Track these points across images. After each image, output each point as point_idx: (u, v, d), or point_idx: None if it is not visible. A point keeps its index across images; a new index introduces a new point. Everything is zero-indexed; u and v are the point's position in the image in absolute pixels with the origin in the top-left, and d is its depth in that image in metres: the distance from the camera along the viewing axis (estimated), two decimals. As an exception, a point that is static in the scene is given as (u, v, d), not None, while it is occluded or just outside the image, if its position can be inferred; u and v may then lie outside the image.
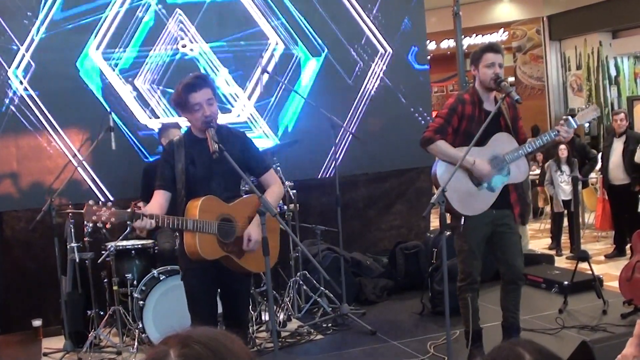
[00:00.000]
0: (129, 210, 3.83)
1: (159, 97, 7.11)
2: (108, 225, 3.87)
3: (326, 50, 7.75)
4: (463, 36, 8.50)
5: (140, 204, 5.35)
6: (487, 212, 4.92)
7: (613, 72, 14.19)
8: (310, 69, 7.72)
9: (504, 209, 5.02)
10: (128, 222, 5.82)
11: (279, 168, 6.25)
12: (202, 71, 7.05)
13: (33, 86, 6.77)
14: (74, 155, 6.77)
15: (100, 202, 3.79)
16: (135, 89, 7.05)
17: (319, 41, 7.73)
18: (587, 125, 13.19)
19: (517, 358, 1.64)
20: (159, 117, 7.08)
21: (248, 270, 4.28)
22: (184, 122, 5.92)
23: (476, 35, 15.77)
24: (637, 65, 14.22)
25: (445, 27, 11.45)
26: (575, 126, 4.96)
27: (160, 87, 7.10)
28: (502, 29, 15.94)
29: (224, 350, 1.42)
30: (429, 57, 8.58)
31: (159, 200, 4.14)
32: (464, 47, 8.72)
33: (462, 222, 4.88)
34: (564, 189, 9.29)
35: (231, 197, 4.21)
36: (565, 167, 9.28)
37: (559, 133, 4.87)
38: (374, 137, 7.84)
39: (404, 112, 8.06)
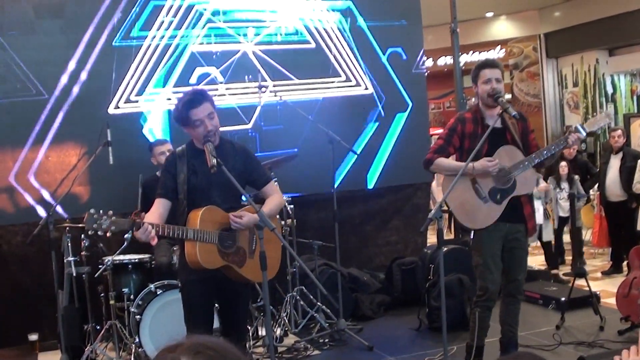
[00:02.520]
0: (129, 219, 3.86)
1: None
2: (108, 234, 3.88)
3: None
4: (460, 53, 8.53)
5: (142, 214, 5.37)
6: (500, 225, 4.91)
7: (610, 90, 14.22)
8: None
9: (517, 223, 5.01)
10: (126, 236, 5.87)
11: (276, 183, 6.25)
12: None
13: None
14: (72, 169, 6.76)
15: (101, 211, 3.80)
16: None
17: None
18: (583, 145, 13.22)
19: None
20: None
21: (249, 279, 4.29)
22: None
23: (473, 53, 15.82)
24: (633, 83, 14.26)
25: (442, 44, 11.47)
26: (584, 134, 4.88)
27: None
28: (499, 46, 15.98)
29: (234, 357, 1.42)
30: (426, 74, 8.62)
31: (159, 208, 4.18)
32: (461, 64, 8.74)
33: (472, 237, 4.88)
34: (562, 206, 9.31)
35: (231, 207, 4.24)
36: (564, 184, 9.30)
37: (567, 142, 4.85)
38: (373, 153, 7.92)
39: (401, 129, 8.14)
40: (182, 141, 4.44)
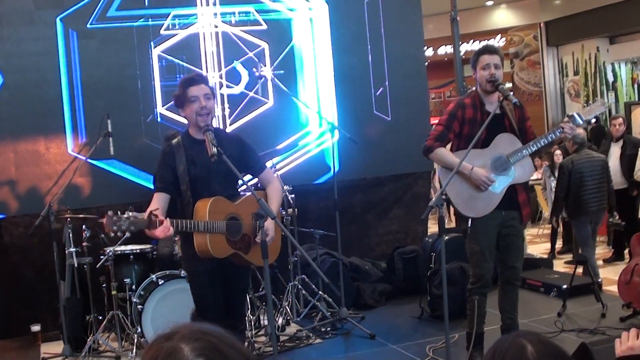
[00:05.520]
0: (146, 217, 3.85)
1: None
2: (128, 234, 3.94)
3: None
4: (460, 42, 8.51)
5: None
6: (496, 213, 4.91)
7: (610, 78, 14.21)
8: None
9: (512, 210, 5.01)
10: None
11: (274, 170, 6.25)
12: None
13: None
14: (73, 160, 6.76)
15: (118, 212, 3.79)
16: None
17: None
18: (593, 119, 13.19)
19: (520, 348, 1.65)
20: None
21: (253, 264, 4.42)
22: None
23: (473, 42, 15.80)
24: (634, 71, 14.25)
25: (442, 33, 11.46)
26: (581, 122, 4.89)
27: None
28: (499, 35, 15.97)
29: (231, 343, 1.41)
30: (426, 64, 8.60)
31: (159, 202, 4.16)
32: (462, 53, 8.72)
33: (469, 224, 4.88)
34: (557, 195, 9.31)
35: (231, 195, 4.31)
36: (558, 173, 9.29)
37: (564, 130, 4.84)
38: (373, 142, 7.89)
39: (402, 117, 8.11)
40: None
